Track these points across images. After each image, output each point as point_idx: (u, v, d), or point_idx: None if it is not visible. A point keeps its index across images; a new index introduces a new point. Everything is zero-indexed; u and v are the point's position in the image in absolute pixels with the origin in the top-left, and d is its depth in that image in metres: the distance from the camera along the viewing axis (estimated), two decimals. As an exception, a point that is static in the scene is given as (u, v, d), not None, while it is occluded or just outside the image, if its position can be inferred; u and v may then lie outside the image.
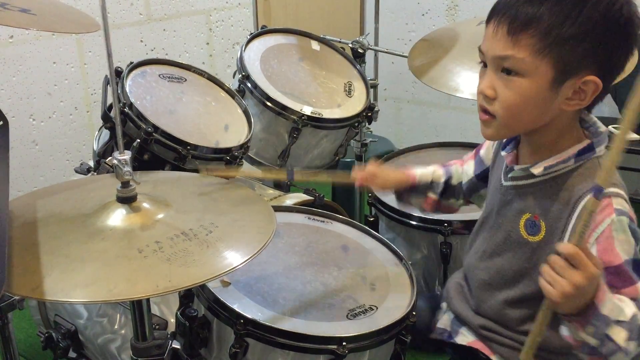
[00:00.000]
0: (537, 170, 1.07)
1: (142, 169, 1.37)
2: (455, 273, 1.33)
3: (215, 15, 2.76)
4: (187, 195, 1.16)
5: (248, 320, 1.08)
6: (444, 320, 1.29)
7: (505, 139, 1.16)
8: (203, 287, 1.15)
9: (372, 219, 1.75)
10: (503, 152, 1.15)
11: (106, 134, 1.54)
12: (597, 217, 0.98)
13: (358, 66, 2.00)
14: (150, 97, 1.56)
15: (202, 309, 1.17)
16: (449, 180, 1.35)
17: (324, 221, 1.45)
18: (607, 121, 1.12)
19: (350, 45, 2.03)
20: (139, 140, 1.44)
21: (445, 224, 1.57)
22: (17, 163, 2.30)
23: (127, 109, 1.46)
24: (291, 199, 1.78)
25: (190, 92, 1.67)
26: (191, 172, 1.41)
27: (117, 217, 1.01)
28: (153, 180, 1.20)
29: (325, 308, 1.17)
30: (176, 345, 1.17)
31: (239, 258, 0.94)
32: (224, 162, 1.52)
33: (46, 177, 2.42)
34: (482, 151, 1.30)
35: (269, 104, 1.73)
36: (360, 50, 2.02)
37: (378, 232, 1.47)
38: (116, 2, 2.43)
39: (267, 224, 1.05)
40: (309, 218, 1.46)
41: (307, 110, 1.75)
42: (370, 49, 2.06)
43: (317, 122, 1.75)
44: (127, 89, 1.50)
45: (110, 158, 1.29)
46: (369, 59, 2.12)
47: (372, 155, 2.32)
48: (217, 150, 1.52)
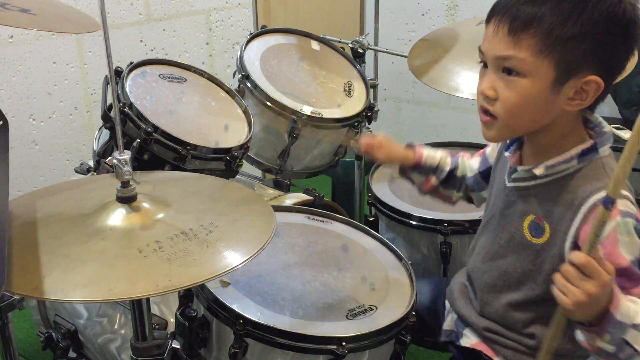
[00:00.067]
0: (538, 171, 1.06)
1: (142, 169, 1.37)
2: (458, 273, 1.32)
3: (215, 15, 2.76)
4: (187, 195, 1.16)
5: (247, 321, 1.08)
6: (449, 322, 1.29)
7: (507, 140, 1.15)
8: (203, 287, 1.15)
9: (372, 219, 1.75)
10: (507, 153, 1.15)
11: (106, 134, 1.54)
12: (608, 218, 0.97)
13: (358, 66, 2.00)
14: (150, 97, 1.56)
15: (201, 309, 1.17)
16: (454, 170, 1.35)
17: (323, 221, 1.45)
18: (607, 121, 1.11)
19: (350, 45, 2.03)
20: (138, 140, 1.44)
21: (445, 224, 1.57)
22: (17, 163, 2.30)
23: (127, 109, 1.46)
24: (291, 199, 1.79)
25: (190, 92, 1.66)
26: (191, 172, 1.41)
27: (117, 217, 1.01)
28: (153, 180, 1.20)
29: (325, 308, 1.17)
30: (176, 345, 1.17)
31: (238, 258, 0.94)
32: (224, 163, 1.52)
33: (46, 177, 2.41)
34: (488, 150, 1.30)
35: (268, 104, 1.73)
36: (360, 50, 2.02)
37: (378, 232, 1.47)
38: (116, 2, 2.43)
39: (266, 224, 1.04)
40: (309, 218, 1.46)
41: (307, 110, 1.75)
42: (370, 49, 2.05)
43: (317, 122, 1.75)
44: (127, 89, 1.50)
45: (110, 158, 1.30)
46: (368, 59, 2.12)
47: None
48: (217, 151, 1.52)
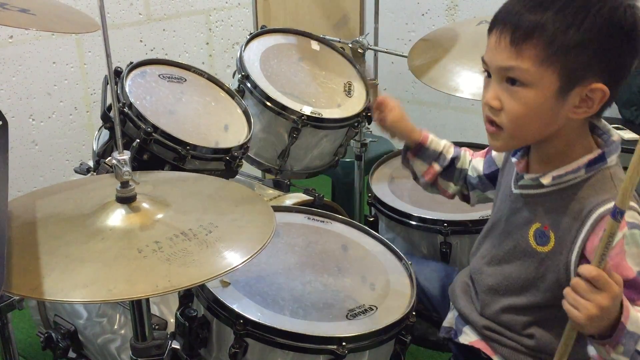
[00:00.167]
0: (546, 181, 1.05)
1: (142, 169, 1.37)
2: (461, 272, 1.33)
3: (215, 15, 2.76)
4: (187, 195, 1.16)
5: (247, 321, 1.08)
6: (449, 319, 1.29)
7: (515, 149, 1.14)
8: (202, 287, 1.15)
9: (371, 219, 1.74)
10: (513, 159, 1.14)
11: (106, 134, 1.53)
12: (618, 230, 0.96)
13: (358, 66, 2.00)
14: (150, 97, 1.56)
15: (201, 309, 1.17)
16: (455, 160, 1.35)
17: (323, 221, 1.45)
18: (606, 121, 1.11)
19: (350, 45, 2.03)
20: (138, 141, 1.44)
21: (445, 224, 1.57)
22: (17, 163, 2.30)
23: (126, 109, 1.45)
24: (291, 199, 1.79)
25: (190, 92, 1.66)
26: (191, 172, 1.41)
27: (117, 217, 1.01)
28: (152, 181, 1.20)
29: (325, 308, 1.17)
30: (176, 345, 1.17)
31: (238, 258, 0.94)
32: (224, 163, 1.52)
33: (46, 177, 2.41)
34: (494, 152, 1.29)
35: (268, 104, 1.73)
36: (360, 50, 2.02)
37: (378, 232, 1.47)
38: (116, 2, 2.43)
39: (266, 224, 1.04)
40: (309, 218, 1.46)
41: (306, 110, 1.75)
42: (370, 49, 2.06)
43: (317, 122, 1.75)
44: (127, 89, 1.49)
45: (109, 158, 1.29)
46: (368, 59, 2.12)
47: (373, 155, 2.33)
48: (217, 151, 1.52)
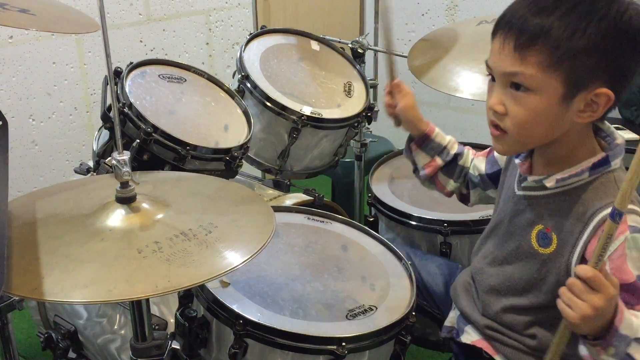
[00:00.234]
0: (549, 184, 1.05)
1: (142, 169, 1.37)
2: (463, 271, 1.33)
3: (215, 15, 2.76)
4: (187, 195, 1.16)
5: (247, 321, 1.08)
6: (451, 318, 1.29)
7: (518, 153, 1.14)
8: (202, 287, 1.15)
9: (371, 219, 1.75)
10: (517, 160, 1.14)
11: (106, 134, 1.53)
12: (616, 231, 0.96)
13: (358, 66, 2.00)
14: (150, 97, 1.56)
15: (201, 309, 1.17)
16: (458, 156, 1.36)
17: (323, 221, 1.45)
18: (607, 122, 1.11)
19: (350, 45, 2.03)
20: (138, 141, 1.44)
21: (445, 224, 1.57)
22: (17, 163, 2.30)
23: (126, 109, 1.45)
24: (291, 199, 1.79)
25: (190, 93, 1.66)
26: (190, 172, 1.41)
27: (117, 217, 1.01)
28: (152, 181, 1.20)
29: (325, 308, 1.17)
30: (175, 345, 1.17)
31: (238, 258, 0.94)
32: (223, 163, 1.52)
33: (46, 177, 2.41)
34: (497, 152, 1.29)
35: (268, 104, 1.73)
36: (359, 51, 2.02)
37: (378, 233, 1.47)
38: (115, 2, 2.43)
39: (266, 224, 1.04)
40: (309, 218, 1.46)
41: (306, 110, 1.75)
42: (370, 49, 2.05)
43: (317, 122, 1.75)
44: (127, 89, 1.49)
45: (109, 158, 1.29)
46: (368, 59, 2.12)
47: (373, 155, 2.33)
48: (217, 151, 1.52)
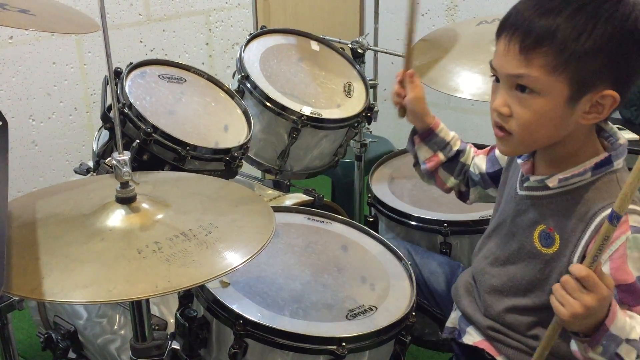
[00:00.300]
0: (552, 183, 1.05)
1: (142, 170, 1.37)
2: (464, 272, 1.32)
3: (215, 15, 2.76)
4: (187, 195, 1.16)
5: (247, 321, 1.08)
6: (452, 319, 1.29)
7: (523, 154, 1.14)
8: (202, 287, 1.15)
9: (371, 220, 1.75)
10: (519, 160, 1.14)
11: (105, 135, 1.53)
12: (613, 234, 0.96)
13: (357, 66, 2.00)
14: (150, 97, 1.56)
15: (201, 309, 1.17)
16: (460, 153, 1.36)
17: (323, 221, 1.45)
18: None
19: (350, 45, 2.03)
20: (138, 141, 1.44)
21: (445, 224, 1.57)
22: (17, 163, 2.30)
23: (126, 110, 1.45)
24: (291, 199, 1.79)
25: (190, 93, 1.66)
26: (190, 172, 1.41)
27: (117, 217, 1.01)
28: (152, 181, 1.20)
29: (325, 308, 1.17)
30: (175, 345, 1.17)
31: (238, 258, 0.94)
32: (223, 163, 1.52)
33: (45, 177, 2.41)
34: (497, 151, 1.29)
35: (268, 104, 1.73)
36: (359, 51, 2.02)
37: (378, 233, 1.47)
38: (115, 2, 2.43)
39: (266, 225, 1.04)
40: (309, 218, 1.46)
41: (306, 110, 1.75)
42: (370, 49, 2.05)
43: (317, 123, 1.75)
44: (127, 90, 1.49)
45: (109, 158, 1.29)
46: (368, 59, 2.12)
47: (372, 155, 2.33)
48: (217, 151, 1.52)
